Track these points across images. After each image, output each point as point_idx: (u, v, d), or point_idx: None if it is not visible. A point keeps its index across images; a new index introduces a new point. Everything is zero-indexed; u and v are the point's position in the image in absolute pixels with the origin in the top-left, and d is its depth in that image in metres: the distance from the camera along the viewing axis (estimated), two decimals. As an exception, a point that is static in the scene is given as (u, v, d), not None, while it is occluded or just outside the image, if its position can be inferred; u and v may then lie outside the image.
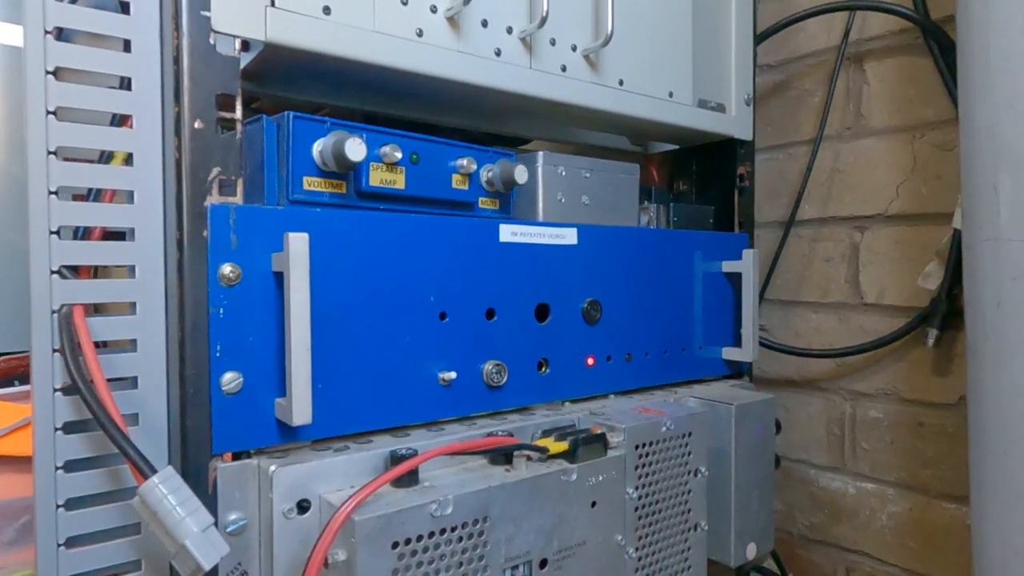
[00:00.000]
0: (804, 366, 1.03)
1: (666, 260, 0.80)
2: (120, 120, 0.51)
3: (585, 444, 0.61)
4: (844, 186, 0.98)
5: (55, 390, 0.48)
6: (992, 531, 0.66)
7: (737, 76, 0.89)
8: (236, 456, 0.52)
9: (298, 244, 0.49)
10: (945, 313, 0.85)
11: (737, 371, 0.90)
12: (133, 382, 0.51)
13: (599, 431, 0.63)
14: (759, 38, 0.96)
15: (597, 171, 0.77)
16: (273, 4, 0.53)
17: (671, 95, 0.81)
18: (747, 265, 0.85)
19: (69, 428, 0.49)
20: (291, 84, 0.65)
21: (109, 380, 0.48)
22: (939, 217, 0.88)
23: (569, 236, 0.71)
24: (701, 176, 0.97)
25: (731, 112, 0.88)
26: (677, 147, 0.98)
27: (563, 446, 0.60)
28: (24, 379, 1.22)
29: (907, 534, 0.92)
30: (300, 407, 0.50)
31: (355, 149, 0.54)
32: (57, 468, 0.48)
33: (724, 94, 0.88)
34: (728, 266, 0.86)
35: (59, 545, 0.48)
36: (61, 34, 0.48)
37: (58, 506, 0.48)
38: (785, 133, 1.05)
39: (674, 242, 0.81)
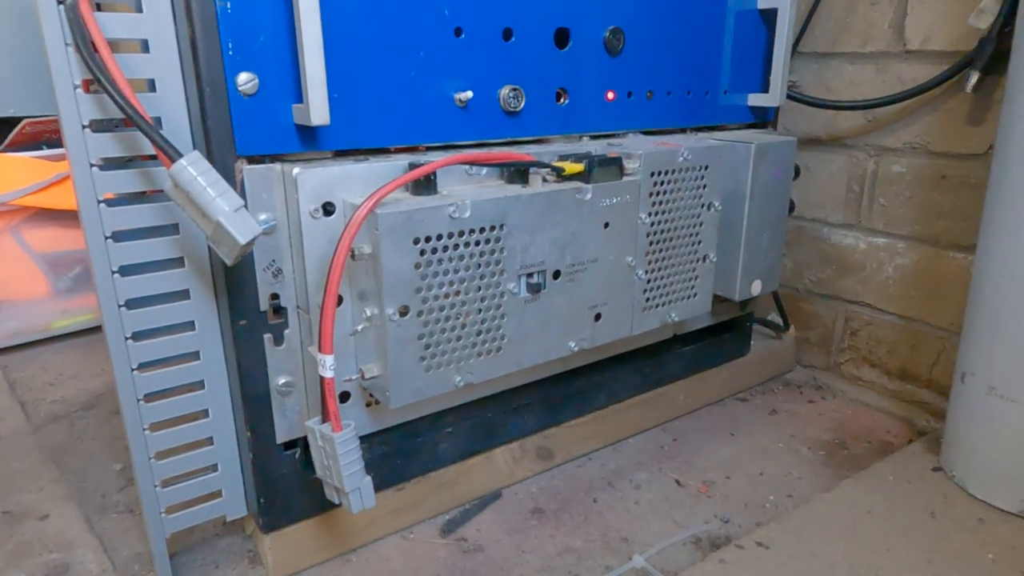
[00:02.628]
0: (832, 122, 1.00)
1: (697, -10, 0.75)
2: None
3: (601, 166, 0.61)
4: (906, -87, 0.88)
5: (75, 87, 0.49)
6: (994, 262, 0.68)
7: None
8: (260, 160, 0.53)
9: (301, -74, 0.46)
10: (991, 55, 0.80)
11: (762, 120, 0.88)
12: (151, 85, 0.51)
13: (615, 156, 0.63)
14: None
15: None
16: None
17: None
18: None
19: (96, 127, 0.50)
20: None
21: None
22: (1007, -57, 0.79)
23: (593, -48, 0.66)
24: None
25: None
26: None
27: (579, 167, 0.61)
28: (51, 144, 1.25)
29: (910, 284, 0.95)
30: (317, 105, 0.50)
31: None
32: (92, 165, 0.50)
33: None
34: (764, 1, 0.80)
35: (106, 238, 0.52)
36: None
37: (99, 201, 0.51)
38: None
39: (708, -30, 0.75)
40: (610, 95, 0.71)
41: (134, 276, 0.54)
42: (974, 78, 0.81)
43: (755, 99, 0.84)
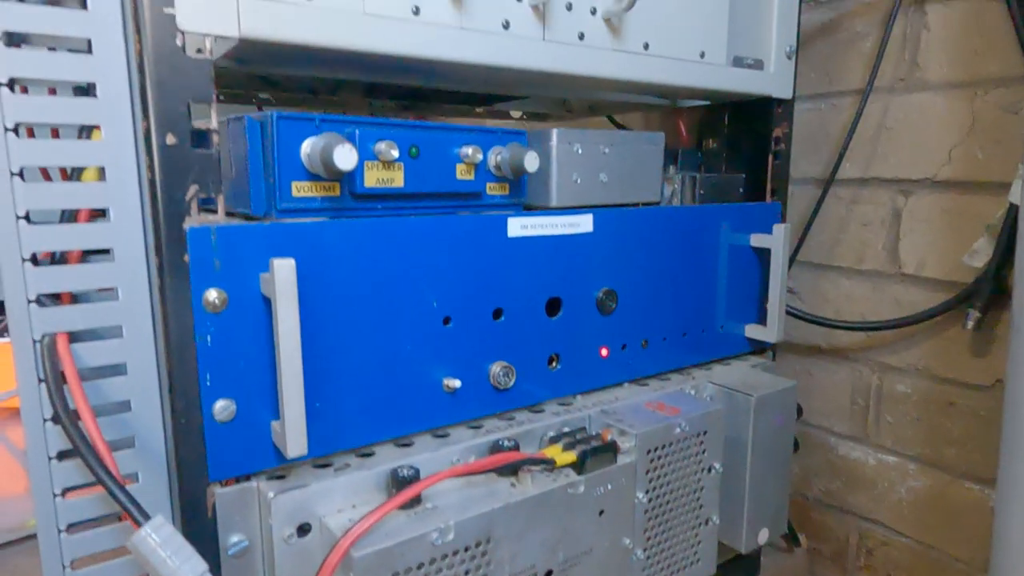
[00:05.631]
0: (832, 335, 0.98)
1: (690, 238, 0.75)
2: (88, 132, 0.46)
3: (594, 454, 0.59)
4: (891, 145, 0.90)
5: (45, 420, 0.47)
6: (1018, 518, 0.64)
7: (779, 24, 0.79)
8: (236, 479, 0.51)
9: (284, 271, 0.46)
10: (990, 294, 0.79)
11: (760, 346, 0.86)
12: (127, 405, 0.49)
13: (609, 438, 0.61)
14: (807, -25, 0.85)
15: (618, 145, 0.70)
16: (246, -9, 0.47)
17: (702, 55, 0.72)
18: (777, 240, 0.79)
19: (63, 456, 0.48)
20: (272, 66, 0.59)
21: (102, 405, 0.47)
22: (994, 187, 0.80)
23: (584, 223, 0.66)
24: (733, 134, 0.89)
25: (770, 68, 0.79)
26: (708, 103, 0.90)
27: (571, 457, 0.58)
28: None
29: (925, 509, 0.91)
30: (294, 439, 0.48)
31: (345, 157, 0.49)
32: (55, 496, 0.48)
33: (763, 48, 0.79)
34: (757, 240, 0.81)
35: (64, 567, 0.49)
36: (11, 39, 0.43)
37: (60, 531, 0.48)
38: (830, 81, 0.95)
39: (699, 219, 0.76)
40: (603, 351, 0.70)
41: (93, 602, 0.50)
42: (974, 317, 0.80)
43: (752, 331, 0.83)
